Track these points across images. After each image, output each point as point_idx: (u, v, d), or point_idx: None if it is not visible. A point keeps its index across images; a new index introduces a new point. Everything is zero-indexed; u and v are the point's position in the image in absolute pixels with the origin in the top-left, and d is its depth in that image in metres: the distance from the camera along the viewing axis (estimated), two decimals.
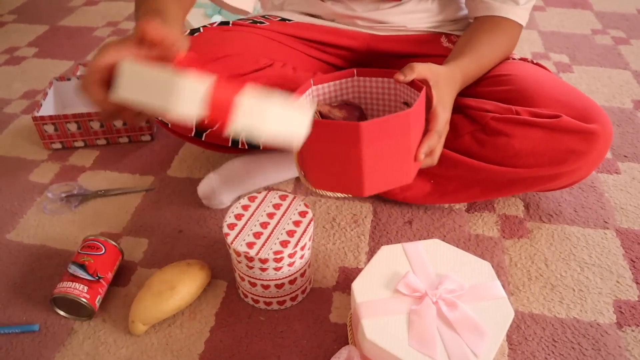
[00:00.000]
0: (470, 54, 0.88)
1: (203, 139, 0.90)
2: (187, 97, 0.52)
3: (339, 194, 0.79)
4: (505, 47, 0.93)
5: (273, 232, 0.75)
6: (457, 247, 0.91)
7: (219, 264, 0.89)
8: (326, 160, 0.73)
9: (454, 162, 0.88)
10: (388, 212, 0.98)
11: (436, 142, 0.77)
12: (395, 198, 0.97)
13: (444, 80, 0.80)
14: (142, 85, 0.53)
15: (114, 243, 0.87)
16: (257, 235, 0.75)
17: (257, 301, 0.81)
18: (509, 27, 0.92)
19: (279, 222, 0.77)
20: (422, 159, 0.76)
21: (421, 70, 0.77)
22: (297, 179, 1.05)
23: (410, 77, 0.76)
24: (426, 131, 0.77)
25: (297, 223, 0.76)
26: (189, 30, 0.91)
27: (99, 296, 0.81)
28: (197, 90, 0.53)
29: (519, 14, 0.90)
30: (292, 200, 0.80)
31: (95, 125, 1.13)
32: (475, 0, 0.93)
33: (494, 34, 0.91)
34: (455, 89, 0.84)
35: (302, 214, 0.78)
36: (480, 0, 0.91)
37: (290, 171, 1.01)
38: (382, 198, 1.00)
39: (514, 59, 0.98)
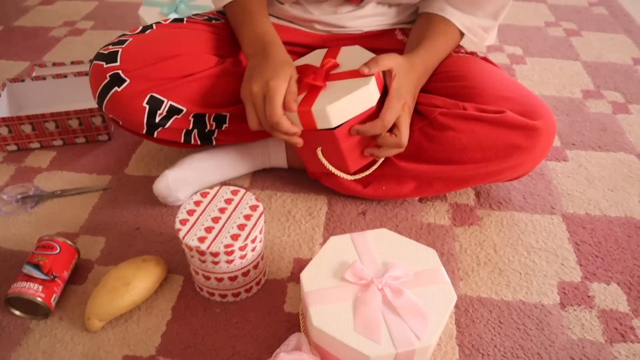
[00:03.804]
0: (427, 45, 0.90)
1: (155, 136, 0.90)
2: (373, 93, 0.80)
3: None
4: (457, 37, 0.96)
5: (224, 226, 0.76)
6: (409, 236, 0.94)
7: (175, 259, 0.90)
8: (326, 153, 0.88)
9: (408, 170, 0.91)
10: (342, 204, 1.00)
11: (379, 130, 0.81)
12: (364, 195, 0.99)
13: (404, 71, 0.84)
14: (346, 108, 0.79)
15: (69, 242, 0.87)
16: (209, 229, 0.76)
17: (212, 294, 0.83)
18: (456, 32, 0.95)
19: (230, 216, 0.78)
20: (354, 134, 0.82)
21: (385, 62, 0.81)
22: (254, 173, 1.07)
23: (374, 70, 0.80)
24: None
25: (248, 217, 0.78)
26: (140, 27, 0.91)
27: (54, 295, 0.81)
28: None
29: (467, 26, 0.93)
30: (244, 194, 0.81)
31: (51, 126, 1.12)
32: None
33: (447, 26, 0.94)
34: (415, 78, 0.87)
35: (253, 207, 0.79)
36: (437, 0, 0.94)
37: (245, 166, 1.02)
38: (336, 191, 1.02)
39: (464, 52, 1.01)
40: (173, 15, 1.35)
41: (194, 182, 0.97)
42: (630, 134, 1.19)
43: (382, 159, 0.90)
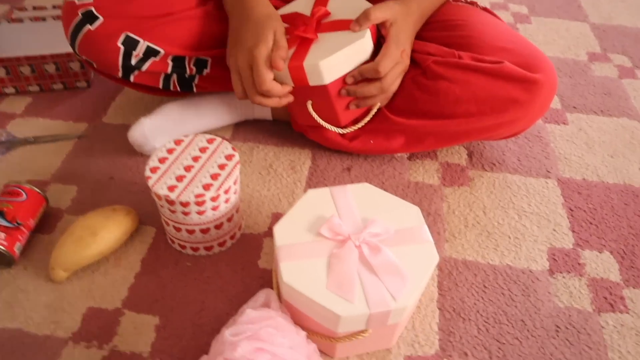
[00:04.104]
0: None
1: (131, 80, 0.85)
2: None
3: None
4: None
5: (196, 175, 0.72)
6: (395, 194, 0.89)
7: (148, 210, 0.86)
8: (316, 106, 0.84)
9: (397, 123, 0.86)
10: (327, 158, 0.95)
11: (372, 74, 0.78)
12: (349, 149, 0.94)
13: (401, 18, 0.80)
14: (340, 62, 0.76)
15: (36, 189, 0.82)
16: (180, 178, 0.71)
17: (183, 247, 0.79)
18: None
19: (203, 165, 0.73)
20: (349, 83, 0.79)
21: (378, 15, 0.77)
22: (236, 124, 1.02)
23: (365, 25, 0.77)
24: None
25: (222, 166, 0.73)
26: None
27: (18, 243, 0.77)
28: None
29: None
30: (220, 143, 0.76)
31: (26, 70, 1.06)
32: None
33: None
34: (412, 23, 0.83)
35: (229, 157, 0.74)
36: None
37: (227, 116, 0.97)
38: (321, 145, 0.97)
39: (464, 1, 0.95)
40: None
41: (171, 131, 0.92)
42: (635, 100, 1.14)
43: (374, 112, 0.85)
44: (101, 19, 0.78)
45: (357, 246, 0.64)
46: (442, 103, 0.82)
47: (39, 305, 0.74)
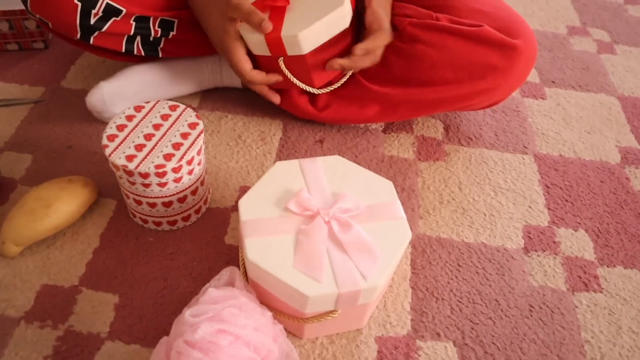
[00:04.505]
0: None
1: (91, 42, 0.79)
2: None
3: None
4: None
5: (157, 144, 0.67)
6: (369, 168, 0.86)
7: (109, 182, 0.81)
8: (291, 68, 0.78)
9: (371, 90, 0.83)
10: (299, 130, 0.91)
11: (377, 44, 0.77)
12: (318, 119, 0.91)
13: None
14: (319, 32, 0.71)
15: None
16: (139, 147, 0.67)
17: (145, 221, 0.74)
18: None
19: (165, 134, 0.69)
20: (358, 55, 0.76)
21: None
22: (204, 92, 0.96)
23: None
24: (368, 32, 0.76)
25: (185, 135, 0.68)
26: None
27: None
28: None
29: None
30: (183, 111, 0.72)
31: None
32: None
33: None
34: None
35: (192, 125, 0.70)
36: None
37: (194, 83, 0.91)
38: (293, 116, 0.93)
39: None
40: None
41: (133, 97, 0.86)
42: (613, 75, 1.12)
43: (349, 74, 0.81)
44: None
45: (326, 222, 0.60)
46: (418, 68, 0.79)
47: None
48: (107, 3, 0.75)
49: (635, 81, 1.11)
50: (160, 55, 0.86)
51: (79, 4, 0.74)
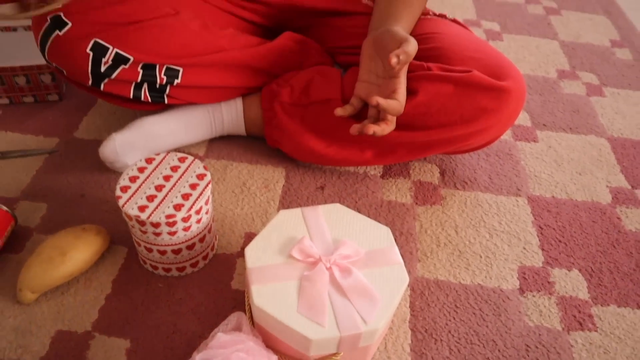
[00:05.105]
0: (403, 10, 0.85)
1: (102, 89, 0.84)
2: None
3: None
4: (425, 1, 0.91)
5: (167, 195, 0.71)
6: (369, 213, 0.90)
7: (120, 229, 0.85)
8: None
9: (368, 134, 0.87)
10: (300, 177, 0.95)
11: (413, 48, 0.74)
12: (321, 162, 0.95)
13: None
14: None
15: (4, 208, 0.81)
16: (151, 198, 0.71)
17: (155, 267, 0.78)
18: None
19: (174, 185, 0.73)
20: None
21: (411, 48, 0.73)
22: (211, 141, 1.01)
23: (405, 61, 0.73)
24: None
25: (193, 186, 0.73)
26: None
27: None
28: None
29: None
30: (191, 162, 0.76)
31: None
32: None
33: None
34: None
35: (200, 176, 0.74)
36: None
37: (200, 132, 0.96)
38: (296, 162, 0.97)
39: (434, 14, 0.96)
40: None
41: (143, 147, 0.91)
42: (603, 117, 1.16)
43: None
44: (70, 24, 0.78)
45: (328, 268, 0.64)
46: (413, 114, 0.83)
47: (5, 328, 0.72)
48: (116, 52, 0.81)
49: (624, 122, 1.15)
50: (166, 101, 0.90)
51: (91, 53, 0.80)
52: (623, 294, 0.82)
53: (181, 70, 0.86)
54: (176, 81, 0.87)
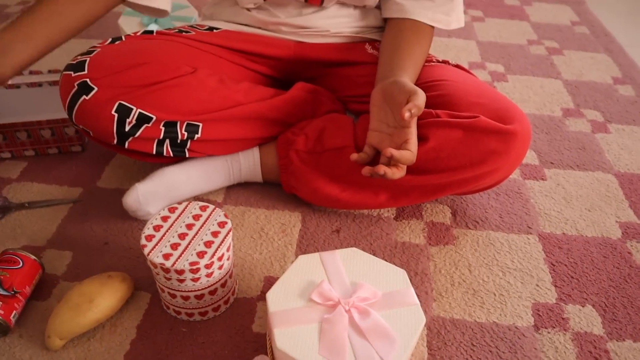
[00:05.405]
0: (408, 61, 0.89)
1: (126, 146, 0.88)
2: None
3: None
4: (428, 48, 0.95)
5: (190, 243, 0.74)
6: (384, 254, 0.92)
7: (143, 275, 0.88)
8: None
9: (382, 179, 0.90)
10: (317, 221, 0.98)
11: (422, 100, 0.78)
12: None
13: None
14: None
15: (33, 256, 0.84)
16: (175, 246, 0.74)
17: (178, 312, 0.80)
18: (426, 30, 0.94)
19: (197, 232, 0.76)
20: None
21: (421, 101, 0.77)
22: (228, 188, 1.05)
23: (417, 114, 0.77)
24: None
25: (215, 234, 0.76)
26: (110, 39, 0.90)
27: (14, 312, 0.79)
28: None
29: (431, 16, 0.93)
30: (212, 211, 0.79)
31: (22, 135, 1.10)
32: (388, 1, 0.95)
33: (415, 28, 0.94)
34: None
35: (221, 224, 0.77)
36: (394, 1, 0.93)
37: (218, 180, 1.00)
38: (311, 206, 1.00)
39: (437, 61, 1.00)
40: (153, 26, 1.34)
41: (164, 196, 0.95)
42: (609, 153, 1.19)
43: None
44: (96, 89, 0.83)
45: (347, 310, 0.66)
46: (424, 160, 0.86)
47: None
48: (140, 112, 0.85)
49: (630, 158, 1.18)
50: (187, 155, 0.94)
51: (116, 115, 0.84)
52: (638, 328, 0.83)
53: (201, 125, 0.90)
54: (197, 136, 0.91)
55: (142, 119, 0.86)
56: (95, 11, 0.90)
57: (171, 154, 0.93)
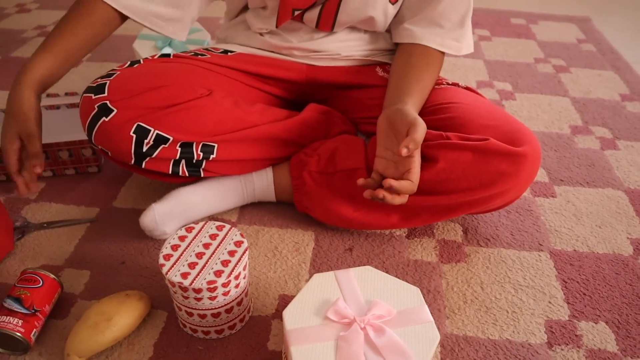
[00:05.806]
0: (415, 86, 0.91)
1: (143, 166, 0.91)
2: None
3: None
4: (437, 73, 0.97)
5: (208, 262, 0.76)
6: (396, 272, 0.93)
7: (160, 294, 0.89)
8: None
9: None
10: (330, 239, 1.00)
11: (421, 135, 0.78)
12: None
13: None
14: None
15: (52, 275, 0.86)
16: (192, 265, 0.76)
17: (195, 330, 0.82)
18: (436, 55, 0.96)
19: (214, 252, 0.77)
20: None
21: (419, 135, 0.78)
22: (242, 207, 1.07)
23: (416, 148, 0.78)
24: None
25: (232, 253, 0.77)
26: (129, 62, 0.93)
27: (34, 330, 0.80)
28: None
29: (440, 42, 0.95)
30: (229, 230, 0.81)
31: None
32: (398, 27, 0.97)
33: (424, 52, 0.95)
34: None
35: (238, 243, 0.79)
36: (403, 27, 0.96)
37: (232, 200, 1.02)
38: (324, 225, 1.02)
39: (447, 83, 1.02)
40: (167, 49, 1.37)
41: (180, 216, 0.97)
42: (618, 170, 1.20)
43: None
44: (115, 111, 0.85)
45: (362, 328, 0.67)
46: (434, 181, 0.87)
47: None
48: (157, 133, 0.88)
49: (639, 174, 1.19)
50: (202, 175, 0.96)
51: (134, 136, 0.86)
52: None
53: (216, 146, 0.92)
54: (212, 156, 0.93)
55: (160, 140, 0.88)
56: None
57: (187, 174, 0.95)
